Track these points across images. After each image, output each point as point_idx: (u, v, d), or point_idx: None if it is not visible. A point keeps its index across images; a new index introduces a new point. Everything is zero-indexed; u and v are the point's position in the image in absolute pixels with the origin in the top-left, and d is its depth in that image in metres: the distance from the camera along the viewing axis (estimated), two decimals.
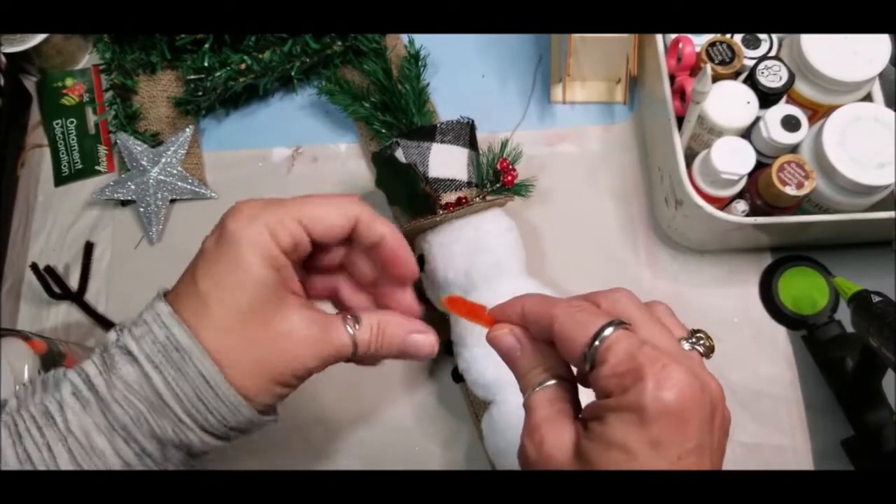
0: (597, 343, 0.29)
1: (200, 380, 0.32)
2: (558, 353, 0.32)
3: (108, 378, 0.33)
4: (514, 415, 0.50)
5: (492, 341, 0.34)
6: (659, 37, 0.61)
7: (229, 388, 0.33)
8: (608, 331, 0.29)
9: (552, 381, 0.32)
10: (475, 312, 0.37)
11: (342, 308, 0.41)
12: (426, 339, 0.38)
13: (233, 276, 0.33)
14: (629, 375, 0.28)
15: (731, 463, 0.58)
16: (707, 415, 0.29)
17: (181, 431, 0.33)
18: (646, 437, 0.28)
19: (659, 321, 0.32)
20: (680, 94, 0.59)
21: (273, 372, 0.34)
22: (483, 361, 0.51)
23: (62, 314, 0.64)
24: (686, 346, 0.32)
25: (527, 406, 0.33)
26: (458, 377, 0.55)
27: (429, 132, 0.56)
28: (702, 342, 0.33)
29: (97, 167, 0.69)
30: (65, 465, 0.32)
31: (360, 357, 0.37)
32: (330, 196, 0.36)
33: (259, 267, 0.33)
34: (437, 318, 0.62)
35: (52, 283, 0.63)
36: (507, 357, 0.34)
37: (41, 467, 0.31)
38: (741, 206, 0.58)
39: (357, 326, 0.36)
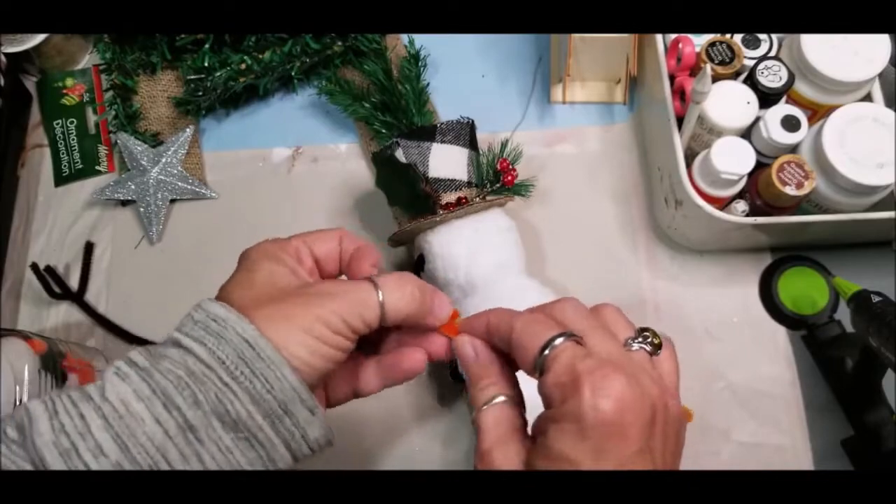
0: (546, 352, 0.31)
1: (240, 340, 0.32)
2: (511, 371, 0.34)
3: (149, 357, 0.33)
4: None
5: (454, 348, 0.37)
6: (659, 37, 0.61)
7: (267, 343, 0.32)
8: (558, 341, 0.31)
9: (501, 398, 0.34)
10: (448, 326, 0.39)
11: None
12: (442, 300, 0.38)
13: (262, 272, 0.36)
14: (569, 386, 0.30)
15: (731, 463, 0.58)
16: (647, 419, 0.30)
17: (225, 396, 0.31)
18: (587, 447, 0.29)
19: (605, 327, 0.34)
20: (680, 94, 0.59)
21: (305, 323, 0.33)
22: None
23: (62, 314, 0.64)
24: (634, 346, 0.33)
25: (476, 425, 0.34)
26: (457, 377, 0.55)
27: (429, 132, 0.56)
28: (648, 340, 0.34)
29: (97, 167, 0.69)
30: (97, 431, 0.30)
31: (391, 319, 0.36)
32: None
33: (284, 266, 0.36)
34: None
35: (52, 283, 0.63)
36: (464, 365, 0.36)
37: (74, 436, 0.30)
38: (741, 206, 0.58)
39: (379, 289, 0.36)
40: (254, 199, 0.67)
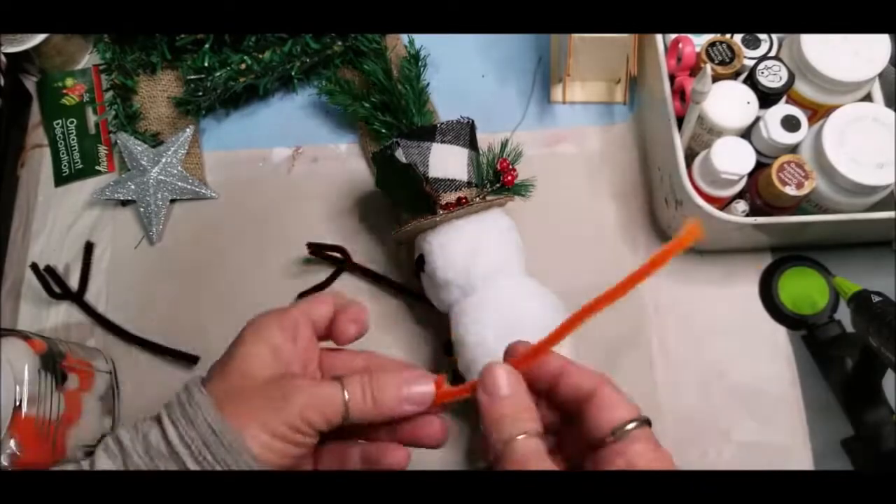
0: (631, 425, 0.35)
1: (206, 427, 0.34)
2: (535, 408, 0.36)
3: (134, 436, 0.36)
4: None
5: (487, 372, 0.37)
6: (659, 37, 0.61)
7: (231, 431, 0.34)
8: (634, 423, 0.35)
9: (538, 436, 0.35)
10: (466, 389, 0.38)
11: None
12: (425, 388, 0.38)
13: (239, 359, 0.38)
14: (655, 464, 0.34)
15: (731, 463, 0.58)
16: None
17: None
18: None
19: None
20: (680, 94, 0.59)
21: (270, 423, 0.35)
22: (484, 363, 0.51)
23: (62, 314, 0.64)
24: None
25: (511, 454, 0.34)
26: (458, 377, 0.55)
27: (429, 132, 0.56)
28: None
29: (97, 167, 0.69)
30: None
31: (356, 418, 0.37)
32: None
33: (268, 348, 0.38)
34: (435, 318, 0.62)
35: (52, 283, 0.63)
36: (495, 392, 0.36)
37: None
38: (741, 206, 0.58)
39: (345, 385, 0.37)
40: (254, 199, 0.67)
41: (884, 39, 0.56)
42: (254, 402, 0.36)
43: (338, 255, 0.63)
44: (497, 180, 0.59)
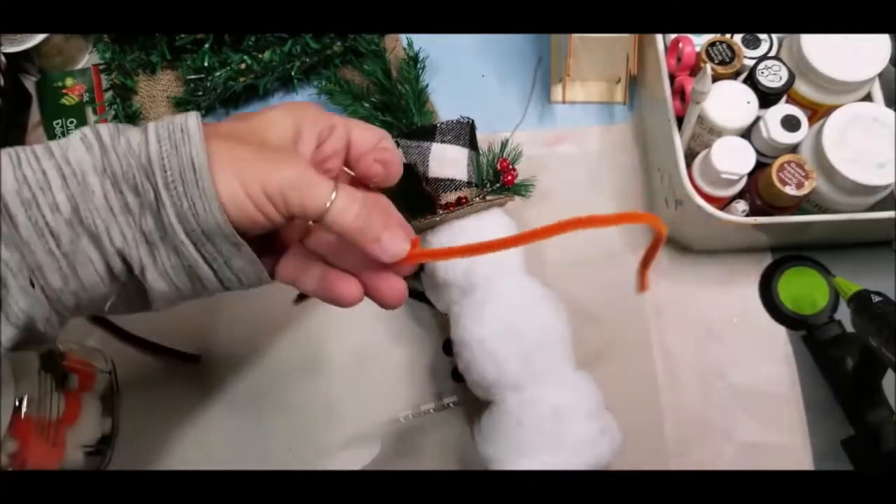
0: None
1: (188, 162, 0.33)
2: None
3: (115, 134, 0.34)
4: (513, 416, 0.50)
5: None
6: (659, 37, 0.61)
7: (209, 175, 0.33)
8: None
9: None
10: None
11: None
12: (402, 244, 0.38)
13: (267, 118, 0.37)
14: None
15: (731, 463, 0.58)
16: None
17: (159, 203, 0.34)
18: None
19: None
20: (680, 94, 0.59)
21: (248, 179, 0.34)
22: (484, 363, 0.51)
23: None
24: None
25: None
26: (458, 377, 0.55)
27: (429, 132, 0.56)
28: None
29: None
30: (57, 190, 0.33)
31: (329, 223, 0.36)
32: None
33: (293, 128, 0.38)
34: (435, 318, 0.62)
35: None
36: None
37: (35, 189, 0.32)
38: (741, 206, 0.58)
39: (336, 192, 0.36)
40: None
41: (884, 39, 0.56)
42: (245, 154, 0.35)
43: None
44: (497, 180, 0.59)
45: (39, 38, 0.69)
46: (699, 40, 0.60)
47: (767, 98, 0.57)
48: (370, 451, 0.59)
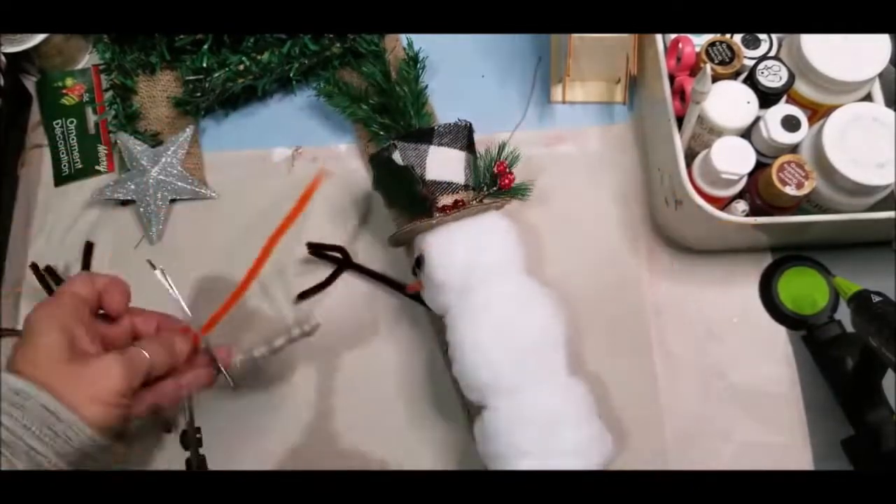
0: None
1: (41, 409, 0.38)
2: None
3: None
4: (507, 420, 0.50)
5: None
6: (659, 37, 0.61)
7: (65, 408, 0.38)
8: None
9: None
10: None
11: None
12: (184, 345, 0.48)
13: (49, 349, 0.41)
14: None
15: (731, 463, 0.58)
16: None
17: (35, 456, 0.37)
18: None
19: None
20: (680, 94, 0.59)
21: (100, 396, 0.40)
22: (477, 367, 0.51)
23: None
24: None
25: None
26: (455, 382, 0.55)
27: (426, 134, 0.56)
28: None
29: (97, 167, 0.69)
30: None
31: (158, 370, 0.45)
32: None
33: (64, 338, 0.42)
34: (434, 318, 0.62)
35: (52, 282, 0.63)
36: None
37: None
38: (741, 206, 0.58)
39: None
40: (253, 200, 0.67)
41: (884, 39, 0.56)
42: (77, 383, 0.40)
43: (338, 255, 0.63)
44: (494, 183, 0.59)
45: (39, 38, 0.69)
46: (699, 40, 0.60)
47: (767, 98, 0.57)
48: (366, 452, 0.59)
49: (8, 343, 0.51)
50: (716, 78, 0.57)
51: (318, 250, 0.62)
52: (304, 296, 0.63)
